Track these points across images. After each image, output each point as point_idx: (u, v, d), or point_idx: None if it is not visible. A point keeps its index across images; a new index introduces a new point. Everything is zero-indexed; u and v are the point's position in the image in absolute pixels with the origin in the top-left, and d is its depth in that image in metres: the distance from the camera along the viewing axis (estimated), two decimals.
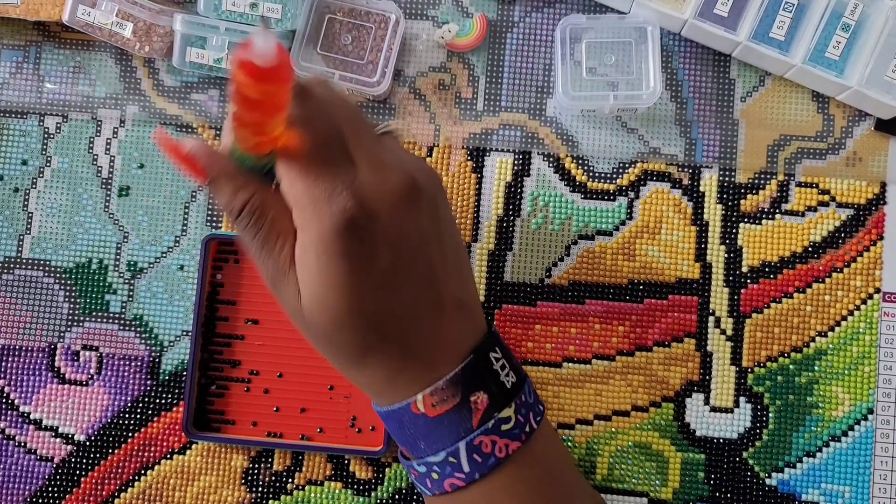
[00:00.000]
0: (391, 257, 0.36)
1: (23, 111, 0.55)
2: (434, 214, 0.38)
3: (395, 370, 0.38)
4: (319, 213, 0.35)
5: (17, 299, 0.54)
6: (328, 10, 0.52)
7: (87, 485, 0.52)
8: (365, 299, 0.36)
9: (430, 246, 0.38)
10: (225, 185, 0.37)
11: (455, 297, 0.39)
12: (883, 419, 0.52)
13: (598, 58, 0.52)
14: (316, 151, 0.35)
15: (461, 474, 0.38)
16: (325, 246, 0.35)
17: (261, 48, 0.27)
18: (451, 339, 0.39)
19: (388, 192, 0.36)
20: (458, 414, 0.38)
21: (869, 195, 0.53)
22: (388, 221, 0.36)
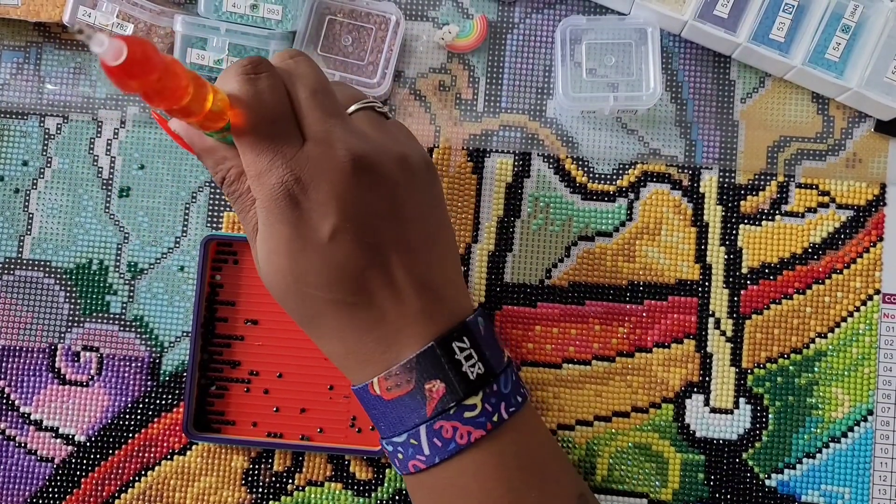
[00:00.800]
0: (332, 225, 0.37)
1: (23, 112, 0.55)
2: (389, 190, 0.39)
3: (346, 346, 0.40)
4: (262, 183, 0.38)
5: (18, 300, 0.54)
6: (328, 11, 0.52)
7: (88, 485, 0.53)
8: (307, 263, 0.38)
9: (379, 220, 0.38)
10: (207, 158, 0.41)
11: (418, 277, 0.39)
12: (883, 420, 0.52)
13: (598, 59, 0.52)
14: (261, 127, 0.37)
15: (422, 457, 0.39)
16: (266, 213, 0.38)
17: (102, 52, 0.29)
18: (408, 322, 0.39)
19: (330, 163, 0.37)
20: (413, 400, 0.39)
21: (869, 196, 0.53)
22: (330, 190, 0.37)
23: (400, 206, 0.39)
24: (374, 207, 0.38)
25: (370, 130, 0.40)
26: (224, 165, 0.40)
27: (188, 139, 0.41)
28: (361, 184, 0.38)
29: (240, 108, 0.37)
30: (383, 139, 0.40)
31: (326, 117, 0.38)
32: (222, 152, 0.40)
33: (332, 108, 0.39)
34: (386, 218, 0.39)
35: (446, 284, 0.41)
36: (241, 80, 0.37)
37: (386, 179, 0.39)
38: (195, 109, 0.35)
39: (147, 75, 0.30)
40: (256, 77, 0.38)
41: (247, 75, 0.37)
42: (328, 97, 0.39)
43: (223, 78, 0.38)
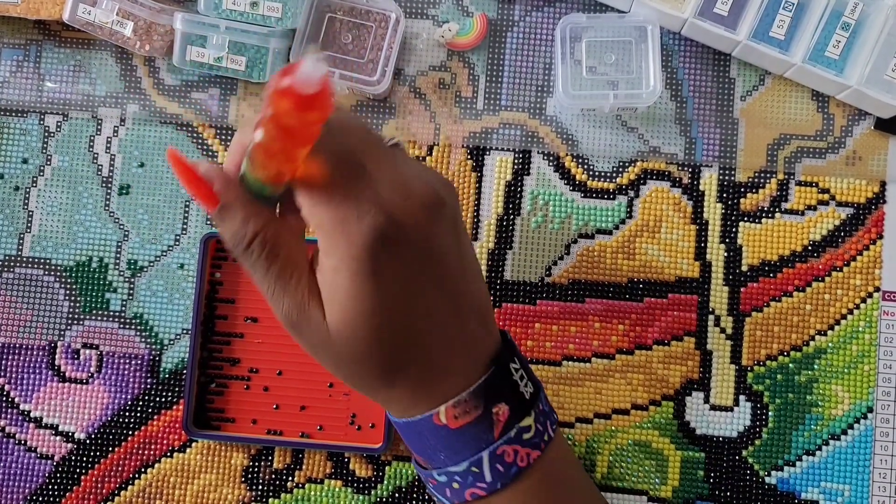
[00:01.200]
0: (419, 273, 0.36)
1: (23, 110, 0.55)
2: (454, 226, 0.38)
3: (419, 388, 0.38)
4: (348, 233, 0.34)
5: (18, 297, 0.54)
6: (328, 9, 0.52)
7: (88, 483, 0.53)
8: (396, 318, 0.36)
9: (452, 258, 0.37)
10: (236, 213, 0.35)
11: (474, 307, 0.39)
12: (882, 417, 0.52)
13: (598, 57, 0.52)
14: (336, 174, 0.34)
15: (483, 484, 0.38)
16: (357, 264, 0.34)
17: (308, 74, 0.27)
18: (472, 351, 0.38)
19: (412, 206, 0.35)
20: (480, 425, 0.38)
21: (868, 194, 0.53)
22: (415, 236, 0.35)
23: (459, 237, 0.38)
24: (448, 245, 0.37)
25: (417, 165, 0.38)
26: (257, 221, 0.35)
27: (223, 183, 0.35)
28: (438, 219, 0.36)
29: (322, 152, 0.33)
30: (429, 172, 0.37)
31: (389, 158, 0.36)
32: (255, 207, 0.35)
33: (386, 149, 0.37)
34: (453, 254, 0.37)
35: (490, 308, 0.40)
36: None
37: (451, 213, 0.37)
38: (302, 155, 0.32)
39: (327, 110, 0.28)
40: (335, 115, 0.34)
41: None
42: (376, 138, 0.37)
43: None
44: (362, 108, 0.54)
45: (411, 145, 0.54)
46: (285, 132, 0.29)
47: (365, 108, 0.54)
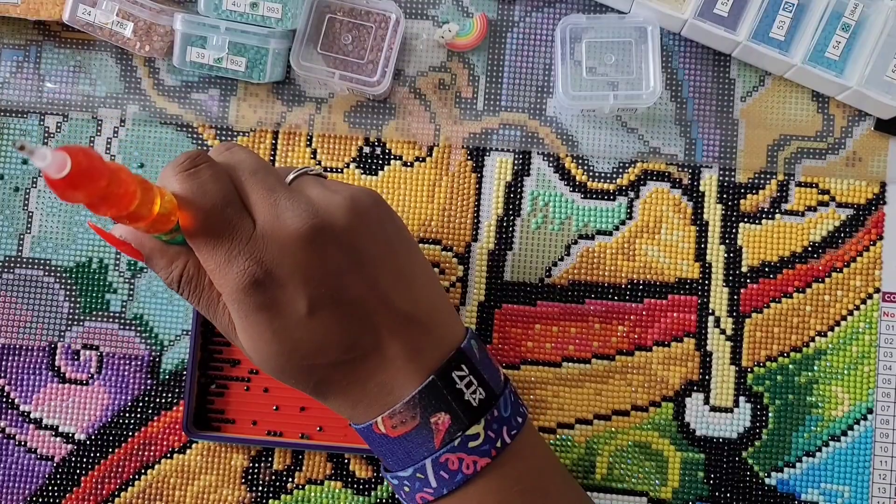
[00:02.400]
0: (307, 298, 0.37)
1: (23, 110, 0.55)
2: (348, 241, 0.38)
3: (352, 399, 0.40)
4: (224, 276, 0.37)
5: (18, 298, 0.54)
6: (328, 9, 0.52)
7: (88, 484, 0.53)
8: (295, 341, 0.38)
9: (348, 275, 0.38)
10: (158, 261, 0.40)
11: (403, 317, 0.39)
12: (882, 419, 0.52)
13: (598, 57, 0.52)
14: (211, 220, 0.37)
15: (430, 489, 0.39)
16: (238, 304, 0.37)
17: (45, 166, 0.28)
18: (401, 359, 0.39)
19: (285, 236, 0.37)
20: (420, 435, 0.39)
21: (869, 195, 0.53)
22: (293, 263, 0.37)
23: (362, 252, 0.39)
24: (339, 265, 0.38)
25: (312, 191, 0.39)
26: (178, 263, 0.39)
27: (137, 242, 0.39)
28: (320, 247, 0.37)
29: (186, 206, 0.37)
30: (325, 194, 0.39)
31: (270, 193, 0.38)
32: (174, 249, 0.40)
33: (273, 184, 0.39)
34: (353, 271, 0.38)
35: (433, 313, 0.41)
36: (182, 177, 0.37)
37: (341, 232, 0.38)
38: (143, 213, 0.34)
39: (93, 184, 0.30)
40: (196, 170, 0.37)
41: (186, 171, 0.37)
42: (268, 174, 0.39)
43: (163, 178, 0.38)
44: (362, 108, 0.54)
45: (411, 146, 0.54)
46: (91, 206, 0.31)
47: (365, 109, 0.54)
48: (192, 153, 0.38)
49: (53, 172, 0.28)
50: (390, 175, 0.54)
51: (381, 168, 0.54)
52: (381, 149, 0.54)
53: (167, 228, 0.37)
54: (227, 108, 0.54)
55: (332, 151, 0.54)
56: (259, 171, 0.39)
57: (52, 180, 0.28)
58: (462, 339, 0.41)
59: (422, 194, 0.54)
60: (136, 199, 0.33)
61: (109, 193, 0.31)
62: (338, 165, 0.54)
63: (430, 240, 0.53)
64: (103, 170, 0.30)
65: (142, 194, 0.33)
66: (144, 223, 0.35)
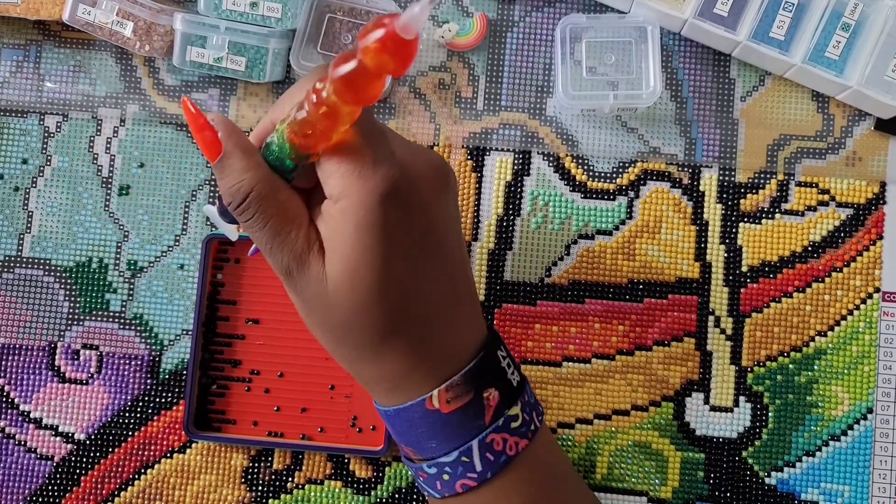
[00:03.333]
0: (423, 234, 0.36)
1: (23, 110, 0.55)
2: (455, 204, 0.39)
3: (412, 363, 0.37)
4: (364, 178, 0.34)
5: (18, 298, 0.54)
6: (328, 9, 0.52)
7: (87, 483, 0.53)
8: (397, 276, 0.35)
9: (452, 237, 0.38)
10: (237, 162, 0.36)
11: (468, 291, 0.39)
12: (882, 418, 0.52)
13: (598, 57, 0.52)
14: (369, 124, 0.35)
15: (473, 474, 0.38)
16: (366, 212, 0.34)
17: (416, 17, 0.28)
18: (464, 334, 0.39)
19: (423, 169, 0.37)
20: (472, 410, 0.37)
21: (868, 195, 0.53)
22: (424, 199, 0.36)
23: (458, 215, 0.40)
24: (450, 216, 0.38)
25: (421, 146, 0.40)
26: (256, 174, 0.36)
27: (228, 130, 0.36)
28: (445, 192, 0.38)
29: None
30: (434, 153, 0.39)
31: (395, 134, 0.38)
32: (256, 160, 0.36)
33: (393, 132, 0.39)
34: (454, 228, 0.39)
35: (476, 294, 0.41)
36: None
37: (454, 185, 0.39)
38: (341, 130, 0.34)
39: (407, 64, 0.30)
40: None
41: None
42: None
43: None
44: None
45: None
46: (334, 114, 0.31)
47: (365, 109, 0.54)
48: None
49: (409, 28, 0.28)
50: None
51: None
52: None
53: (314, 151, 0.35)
54: (226, 107, 0.54)
55: None
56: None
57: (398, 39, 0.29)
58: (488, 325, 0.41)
59: None
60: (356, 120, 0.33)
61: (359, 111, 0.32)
62: None
63: None
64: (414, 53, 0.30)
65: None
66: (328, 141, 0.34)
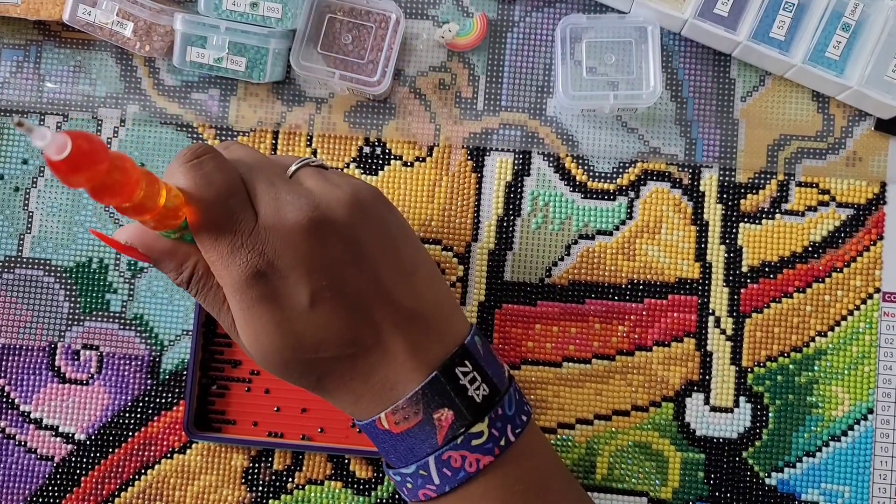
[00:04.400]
0: (308, 289, 0.37)
1: (23, 110, 0.55)
2: (349, 235, 0.38)
3: (355, 394, 0.39)
4: (226, 268, 0.37)
5: (18, 298, 0.54)
6: (328, 9, 0.52)
7: (88, 484, 0.53)
8: (297, 334, 0.38)
9: (349, 268, 0.38)
10: (168, 263, 0.39)
11: (405, 311, 0.39)
12: (883, 419, 0.52)
13: (598, 57, 0.52)
14: (215, 210, 0.37)
15: (432, 486, 0.39)
16: (240, 296, 0.37)
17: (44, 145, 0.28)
18: (403, 355, 0.39)
19: (287, 228, 0.37)
20: (422, 430, 0.39)
21: (869, 195, 0.53)
22: (294, 255, 0.37)
23: (363, 246, 0.39)
24: (340, 258, 0.38)
25: (313, 184, 0.40)
26: (188, 263, 0.39)
27: (144, 246, 0.39)
28: (321, 239, 0.38)
29: (190, 197, 0.37)
30: (327, 187, 0.39)
31: (270, 186, 0.38)
32: (184, 250, 0.39)
33: (273, 177, 0.39)
34: (354, 264, 0.38)
35: (436, 309, 0.41)
36: (186, 168, 0.37)
37: (342, 226, 0.38)
38: (149, 205, 0.34)
39: (94, 168, 0.29)
40: (200, 161, 0.37)
41: (189, 162, 0.37)
42: (269, 168, 0.40)
43: (169, 172, 0.38)
44: (362, 108, 0.54)
45: (411, 146, 0.54)
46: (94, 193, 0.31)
47: (365, 109, 0.54)
48: (196, 146, 0.38)
49: (53, 153, 0.28)
50: (390, 175, 0.54)
51: (381, 168, 0.54)
52: (381, 149, 0.54)
53: (175, 224, 0.37)
54: (227, 107, 0.54)
55: (332, 151, 0.54)
56: (259, 165, 0.39)
57: (52, 162, 0.28)
58: (466, 334, 0.41)
59: (422, 194, 0.54)
60: (139, 189, 0.32)
61: (112, 181, 0.31)
62: (338, 165, 0.54)
63: (431, 240, 0.53)
64: (104, 154, 0.30)
65: (147, 185, 0.33)
66: (151, 216, 0.35)
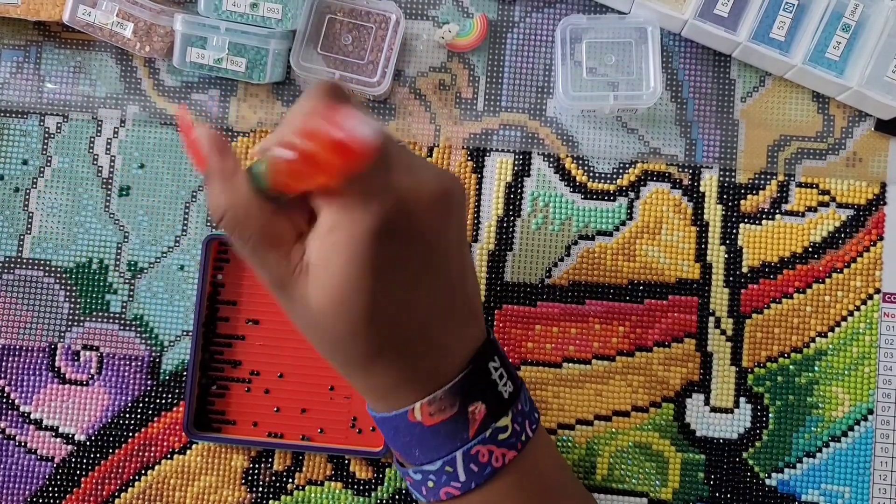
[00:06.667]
0: (419, 263, 0.36)
1: (23, 111, 0.55)
2: (460, 222, 0.38)
3: (398, 379, 0.38)
4: (353, 213, 0.34)
5: (18, 299, 0.54)
6: (328, 10, 0.52)
7: (88, 485, 0.53)
8: (386, 305, 0.36)
9: (454, 252, 0.38)
10: (216, 183, 0.36)
11: (468, 304, 0.39)
12: (883, 419, 0.52)
13: (598, 58, 0.52)
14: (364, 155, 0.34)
15: (457, 483, 0.38)
16: (357, 247, 0.34)
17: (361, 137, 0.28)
18: (453, 349, 0.38)
19: (423, 195, 0.35)
20: (455, 424, 0.38)
21: (869, 195, 0.53)
22: (421, 226, 0.35)
23: (463, 232, 0.39)
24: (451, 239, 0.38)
25: (426, 161, 0.39)
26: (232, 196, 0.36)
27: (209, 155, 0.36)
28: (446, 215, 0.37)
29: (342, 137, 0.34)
30: (438, 168, 0.38)
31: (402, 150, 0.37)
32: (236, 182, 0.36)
33: (398, 144, 0.38)
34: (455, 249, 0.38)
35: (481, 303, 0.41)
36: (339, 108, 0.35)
37: (459, 208, 0.38)
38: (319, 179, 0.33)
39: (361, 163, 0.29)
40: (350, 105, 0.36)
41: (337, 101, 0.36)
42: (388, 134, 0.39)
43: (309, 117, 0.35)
44: (362, 109, 0.54)
45: (412, 146, 0.54)
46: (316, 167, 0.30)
47: (365, 109, 0.54)
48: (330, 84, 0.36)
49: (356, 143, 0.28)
50: None
51: None
52: None
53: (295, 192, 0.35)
54: (227, 108, 0.54)
55: None
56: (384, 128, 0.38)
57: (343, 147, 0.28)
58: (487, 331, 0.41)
59: None
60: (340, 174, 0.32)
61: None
62: None
63: None
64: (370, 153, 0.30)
65: None
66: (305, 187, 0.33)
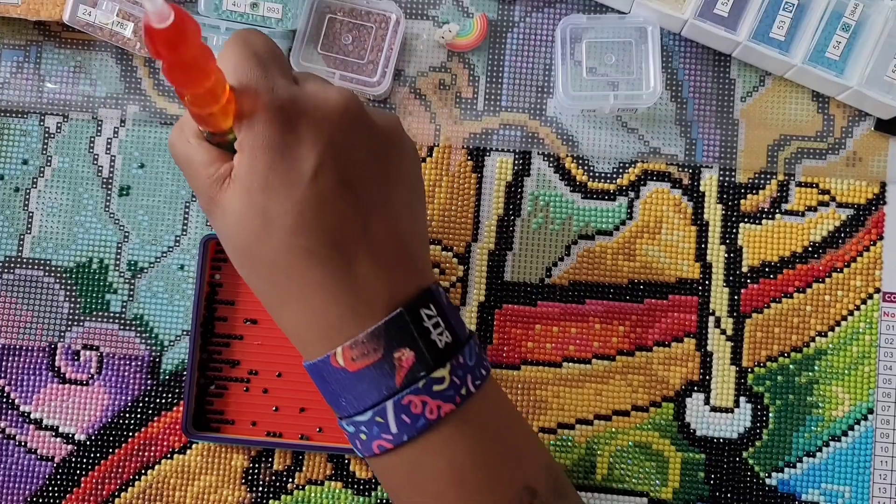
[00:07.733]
0: (316, 162, 0.36)
1: (23, 111, 0.55)
2: (382, 149, 0.38)
3: (315, 313, 0.37)
4: (256, 99, 0.35)
5: (18, 299, 0.54)
6: (328, 9, 0.52)
7: (88, 484, 0.52)
8: (284, 204, 0.36)
9: (368, 173, 0.37)
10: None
11: (395, 235, 0.38)
12: (883, 419, 0.52)
13: (598, 58, 0.52)
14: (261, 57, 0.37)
15: (388, 436, 0.37)
16: (253, 138, 0.35)
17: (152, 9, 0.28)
18: (380, 286, 0.37)
19: (326, 101, 0.36)
20: (380, 370, 0.36)
21: (869, 195, 0.53)
22: (321, 129, 0.36)
23: (388, 164, 0.38)
24: (364, 159, 0.37)
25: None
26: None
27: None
28: (355, 132, 0.37)
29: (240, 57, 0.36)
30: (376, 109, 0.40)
31: (311, 73, 0.39)
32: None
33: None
34: (372, 171, 0.37)
35: (418, 248, 0.39)
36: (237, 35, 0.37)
37: (379, 136, 0.38)
38: (218, 93, 0.34)
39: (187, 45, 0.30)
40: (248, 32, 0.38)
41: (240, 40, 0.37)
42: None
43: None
44: None
45: None
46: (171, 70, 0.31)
47: None
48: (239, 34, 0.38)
49: (156, 21, 0.28)
50: None
51: None
52: None
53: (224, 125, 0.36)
54: None
55: None
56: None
57: (151, 29, 0.28)
58: (432, 282, 0.39)
59: None
60: (215, 69, 0.33)
61: (195, 63, 0.31)
62: None
63: (431, 240, 0.53)
64: (198, 32, 0.30)
65: (218, 74, 0.33)
66: (216, 106, 0.34)
